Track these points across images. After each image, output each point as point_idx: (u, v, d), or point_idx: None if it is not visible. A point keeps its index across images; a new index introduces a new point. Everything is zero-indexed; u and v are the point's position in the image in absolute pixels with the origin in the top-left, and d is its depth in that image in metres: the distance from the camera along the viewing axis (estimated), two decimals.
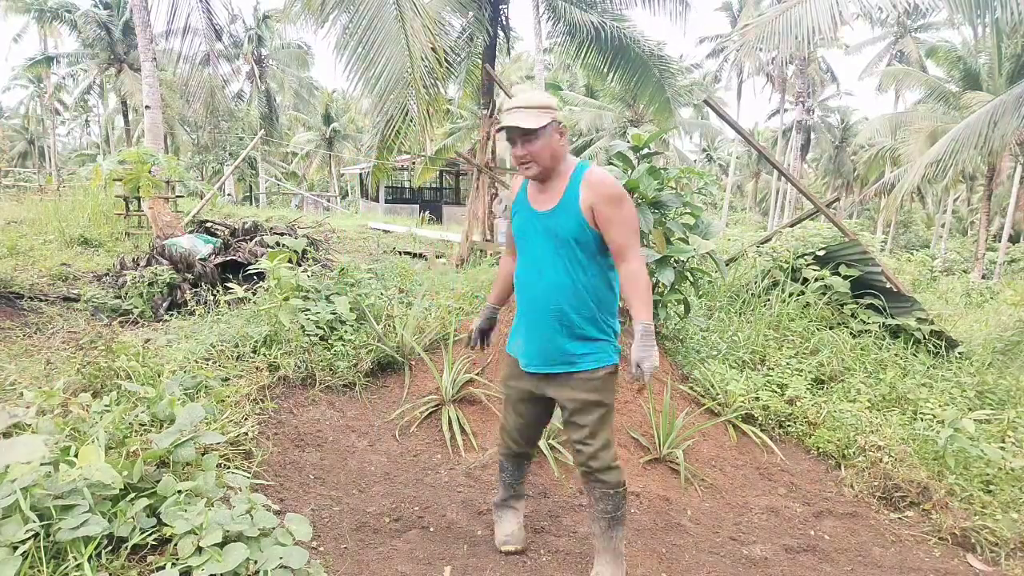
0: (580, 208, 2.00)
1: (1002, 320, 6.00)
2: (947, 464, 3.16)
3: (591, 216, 1.99)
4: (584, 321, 2.07)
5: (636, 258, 1.99)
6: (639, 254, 2.00)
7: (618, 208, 1.97)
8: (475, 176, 8.18)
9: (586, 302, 2.06)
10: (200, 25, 9.26)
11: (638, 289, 1.97)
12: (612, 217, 1.97)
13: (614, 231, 1.98)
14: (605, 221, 1.98)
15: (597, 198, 1.98)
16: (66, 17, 24.33)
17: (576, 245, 2.03)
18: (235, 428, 2.78)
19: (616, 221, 1.97)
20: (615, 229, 1.98)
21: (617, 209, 1.97)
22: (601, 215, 1.98)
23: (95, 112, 41.69)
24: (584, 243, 2.02)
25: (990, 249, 20.26)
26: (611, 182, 2.00)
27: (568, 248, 2.04)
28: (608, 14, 10.48)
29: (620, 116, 25.65)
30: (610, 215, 1.97)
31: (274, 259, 4.01)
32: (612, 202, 1.97)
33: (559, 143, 2.03)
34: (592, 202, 1.98)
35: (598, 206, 1.98)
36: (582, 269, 2.05)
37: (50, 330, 4.22)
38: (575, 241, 2.02)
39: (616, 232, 1.98)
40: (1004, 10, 6.50)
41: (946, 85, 18.09)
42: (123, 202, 8.08)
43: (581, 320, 2.07)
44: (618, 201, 1.97)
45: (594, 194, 1.98)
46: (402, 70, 6.27)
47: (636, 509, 2.90)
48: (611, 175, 2.05)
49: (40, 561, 1.70)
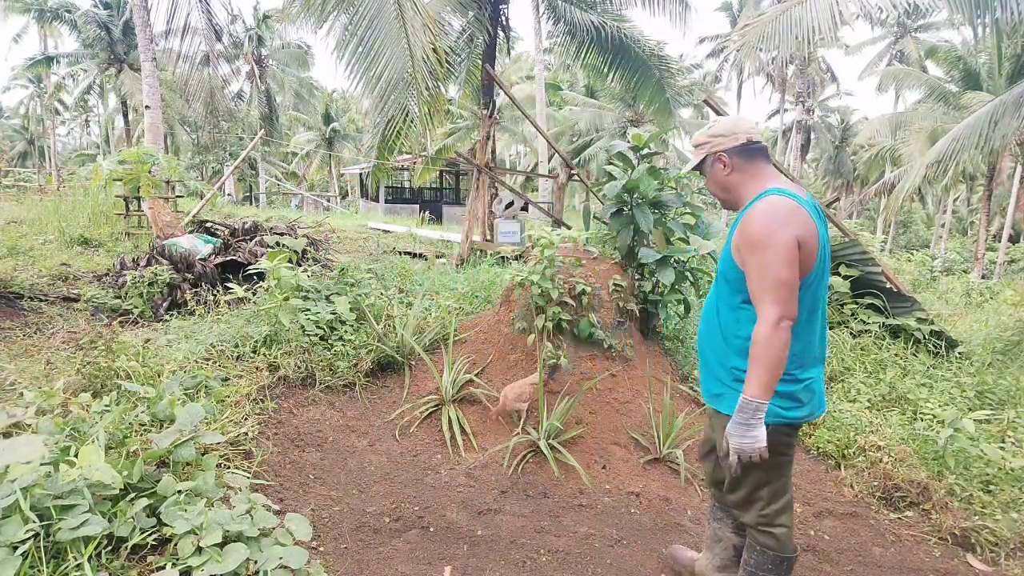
0: (730, 245, 1.83)
1: (1002, 320, 6.00)
2: (947, 464, 3.16)
3: (738, 257, 1.77)
4: (718, 364, 1.93)
5: (765, 319, 1.65)
6: (771, 316, 1.64)
7: (752, 254, 1.69)
8: (475, 176, 8.17)
9: (719, 342, 1.91)
10: (200, 25, 9.26)
11: (752, 354, 1.68)
12: (746, 262, 1.72)
13: (748, 278, 1.73)
14: (743, 265, 1.74)
15: (739, 238, 1.75)
16: (66, 17, 24.30)
17: (725, 283, 1.88)
18: (235, 428, 2.78)
19: (749, 267, 1.71)
20: (749, 276, 1.72)
21: (751, 255, 1.69)
22: (741, 259, 1.75)
23: (95, 112, 41.70)
24: (732, 283, 1.84)
25: (990, 249, 20.26)
26: (759, 220, 1.69)
27: (719, 283, 1.92)
28: (608, 14, 10.48)
29: (620, 116, 25.65)
30: (745, 260, 1.73)
31: (274, 259, 4.01)
32: (748, 246, 1.71)
33: (723, 173, 1.88)
34: (738, 242, 1.76)
35: (741, 248, 1.75)
36: (727, 308, 1.88)
37: (50, 330, 4.22)
38: (725, 279, 1.88)
39: (750, 280, 1.72)
40: (1004, 10, 6.49)
41: (946, 85, 18.08)
42: (123, 202, 8.08)
43: (716, 362, 1.93)
44: (753, 246, 1.68)
45: (739, 233, 1.76)
46: (403, 70, 6.27)
47: (636, 509, 2.90)
48: (772, 211, 1.70)
49: (40, 561, 1.70)
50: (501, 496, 2.89)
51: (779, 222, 1.67)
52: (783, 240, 1.64)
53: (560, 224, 7.80)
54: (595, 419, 3.41)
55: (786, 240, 1.64)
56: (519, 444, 3.23)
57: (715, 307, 1.94)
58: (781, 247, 1.64)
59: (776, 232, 1.65)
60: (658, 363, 3.94)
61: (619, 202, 3.93)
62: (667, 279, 3.72)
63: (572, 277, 3.71)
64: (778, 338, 1.64)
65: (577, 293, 3.63)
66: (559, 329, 3.67)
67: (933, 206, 32.55)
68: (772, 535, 1.92)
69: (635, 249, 3.96)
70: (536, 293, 3.58)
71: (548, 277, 3.54)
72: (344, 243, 9.66)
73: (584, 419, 3.38)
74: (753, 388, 1.66)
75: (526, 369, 3.70)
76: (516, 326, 3.84)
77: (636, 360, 3.79)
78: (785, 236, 1.65)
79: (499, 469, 3.11)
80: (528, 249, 4.78)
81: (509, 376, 3.71)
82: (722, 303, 1.90)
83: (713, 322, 1.94)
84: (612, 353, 3.73)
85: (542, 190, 20.29)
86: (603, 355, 3.72)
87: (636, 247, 3.96)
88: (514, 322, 3.87)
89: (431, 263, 7.29)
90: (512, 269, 4.20)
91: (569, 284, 3.66)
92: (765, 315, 1.66)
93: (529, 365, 3.70)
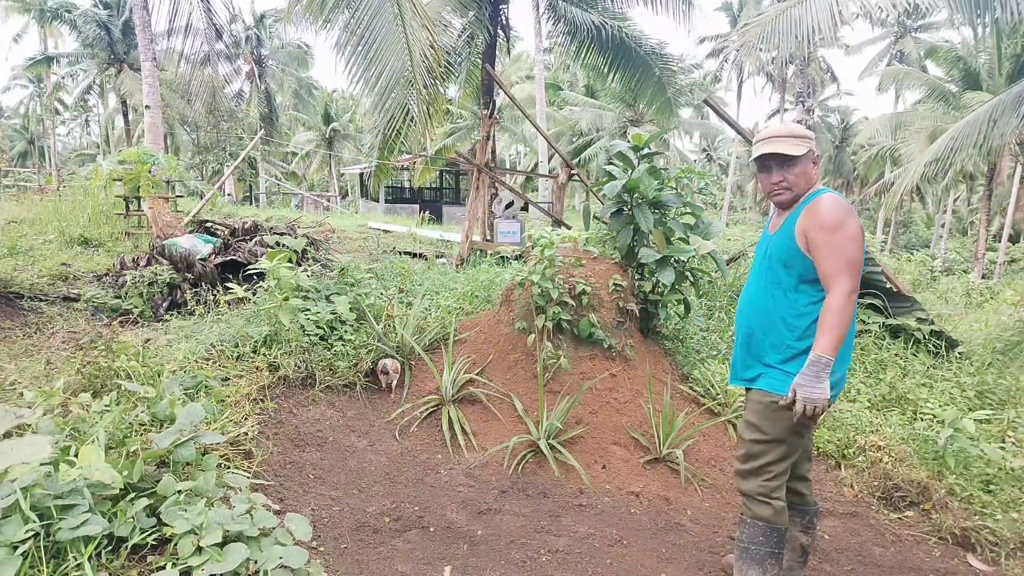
0: (794, 232, 2.00)
1: (1002, 320, 6.00)
2: (947, 464, 3.16)
3: (804, 242, 1.98)
4: (768, 344, 2.09)
5: (839, 291, 1.89)
6: (845, 288, 1.89)
7: (829, 235, 1.92)
8: (475, 176, 8.17)
9: (776, 326, 2.07)
10: (201, 25, 9.25)
11: (825, 320, 1.90)
12: (821, 244, 1.93)
13: (821, 258, 1.94)
14: (815, 247, 1.95)
15: (811, 223, 1.96)
16: (66, 17, 24.28)
17: (782, 268, 2.05)
18: (235, 428, 2.78)
19: (825, 248, 1.92)
20: (822, 256, 1.93)
21: (828, 236, 1.92)
22: (812, 241, 1.95)
23: (95, 112, 41.72)
24: (790, 267, 2.03)
25: (990, 249, 20.26)
26: (830, 208, 1.94)
27: (773, 270, 2.08)
28: (608, 13, 10.47)
29: (620, 116, 25.65)
30: (820, 241, 1.93)
31: (274, 259, 4.01)
32: (824, 228, 1.92)
33: (812, 171, 2.07)
34: (805, 227, 1.97)
35: (810, 232, 1.95)
36: (782, 293, 2.06)
37: (50, 330, 4.22)
38: (782, 264, 2.05)
39: (823, 260, 1.93)
40: (1004, 10, 6.49)
41: (946, 85, 18.08)
42: (123, 202, 8.07)
43: (766, 342, 2.09)
44: (831, 228, 1.92)
45: (809, 219, 1.97)
46: (402, 69, 6.28)
47: (636, 509, 2.90)
48: (840, 202, 1.97)
49: (40, 561, 1.70)
50: (501, 496, 2.89)
51: (847, 211, 1.94)
52: (854, 225, 1.92)
53: (560, 224, 7.81)
54: (595, 419, 3.41)
55: (856, 226, 1.93)
56: (519, 444, 3.23)
57: (768, 294, 2.09)
58: (853, 230, 1.91)
59: (847, 218, 1.92)
60: (658, 363, 3.94)
61: (619, 202, 3.93)
62: (667, 279, 3.72)
63: (572, 277, 3.71)
64: (849, 306, 1.89)
65: (577, 293, 3.63)
66: (559, 329, 3.67)
67: (933, 206, 32.56)
68: (771, 506, 2.08)
69: (635, 249, 3.96)
70: (536, 293, 3.58)
71: (548, 277, 3.54)
72: (344, 243, 9.66)
73: (584, 419, 3.38)
74: (824, 345, 1.87)
75: (526, 369, 3.70)
76: (516, 326, 3.84)
77: (636, 360, 3.79)
78: (855, 222, 1.93)
79: (499, 469, 3.12)
80: (528, 249, 4.78)
81: (509, 376, 3.71)
82: (777, 290, 2.07)
83: (762, 310, 2.10)
84: (612, 353, 3.73)
85: (542, 190, 20.31)
86: (603, 355, 3.72)
87: (636, 247, 3.96)
88: (514, 322, 3.87)
89: (431, 263, 7.29)
90: (512, 269, 4.20)
91: (569, 284, 3.66)
92: (839, 287, 1.89)
93: (529, 365, 3.70)
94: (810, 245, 1.96)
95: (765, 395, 2.07)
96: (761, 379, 2.10)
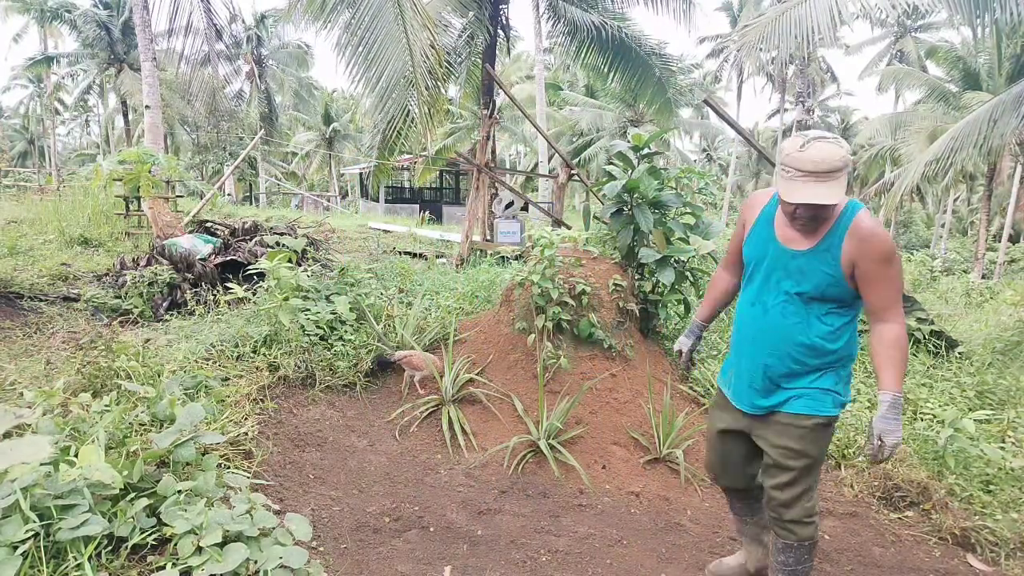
0: (840, 259, 1.82)
1: (1002, 320, 6.00)
2: (947, 464, 3.16)
3: (851, 270, 1.82)
4: (799, 369, 1.93)
5: (899, 321, 1.82)
6: (902, 318, 1.83)
7: (887, 266, 1.79)
8: (475, 176, 8.17)
9: (805, 354, 1.91)
10: (201, 25, 9.25)
11: (894, 355, 1.80)
12: (879, 277, 1.80)
13: (879, 290, 1.81)
14: (869, 279, 1.81)
15: (864, 254, 1.79)
16: (66, 17, 24.30)
17: (819, 295, 1.87)
18: (235, 428, 2.78)
19: (884, 281, 1.80)
20: (880, 289, 1.81)
21: (886, 267, 1.79)
22: (867, 272, 1.80)
23: (95, 112, 41.69)
24: (830, 295, 1.87)
25: (990, 249, 20.25)
26: (883, 237, 1.80)
27: (808, 295, 1.88)
28: (609, 13, 10.48)
29: (620, 116, 25.64)
30: (877, 274, 1.80)
31: (274, 259, 4.01)
32: (882, 260, 1.79)
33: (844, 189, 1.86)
34: (856, 257, 1.80)
35: (864, 263, 1.80)
36: (817, 320, 1.89)
37: (50, 330, 4.22)
38: (820, 291, 1.86)
39: (881, 292, 1.81)
40: (1004, 10, 6.49)
41: (946, 85, 18.09)
42: (123, 202, 8.07)
43: (796, 368, 1.93)
44: (888, 259, 1.79)
45: (861, 248, 1.79)
46: (403, 69, 6.29)
47: (636, 509, 2.90)
48: (882, 227, 1.84)
49: (40, 561, 1.70)
50: (501, 496, 2.89)
51: (888, 235, 1.85)
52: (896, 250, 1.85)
53: (560, 224, 7.81)
54: (595, 419, 3.41)
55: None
56: (519, 444, 3.23)
57: (796, 323, 1.91)
58: (899, 257, 1.85)
59: (894, 244, 1.84)
60: (658, 363, 3.94)
61: (619, 202, 3.93)
62: (667, 279, 3.72)
63: (572, 277, 3.71)
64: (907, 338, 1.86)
65: (577, 293, 3.63)
66: (559, 329, 3.67)
67: (933, 206, 32.55)
68: (813, 524, 2.00)
69: (635, 249, 3.96)
70: (536, 293, 3.58)
71: (548, 277, 3.54)
72: (344, 243, 9.66)
73: (584, 419, 3.38)
74: (899, 383, 1.80)
75: (526, 369, 3.70)
76: (516, 326, 3.84)
77: (636, 360, 3.80)
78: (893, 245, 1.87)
79: (499, 469, 3.12)
80: (528, 249, 4.78)
81: (509, 376, 3.71)
82: (811, 318, 1.90)
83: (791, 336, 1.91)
84: (612, 353, 3.73)
85: (542, 190, 20.30)
86: (603, 355, 3.72)
87: (636, 247, 3.96)
88: (514, 322, 3.87)
89: (431, 263, 7.29)
90: (512, 269, 4.20)
91: (569, 284, 3.66)
92: (898, 318, 1.84)
93: (529, 365, 3.70)
94: (861, 274, 1.81)
95: (804, 418, 1.92)
96: (794, 402, 1.94)
